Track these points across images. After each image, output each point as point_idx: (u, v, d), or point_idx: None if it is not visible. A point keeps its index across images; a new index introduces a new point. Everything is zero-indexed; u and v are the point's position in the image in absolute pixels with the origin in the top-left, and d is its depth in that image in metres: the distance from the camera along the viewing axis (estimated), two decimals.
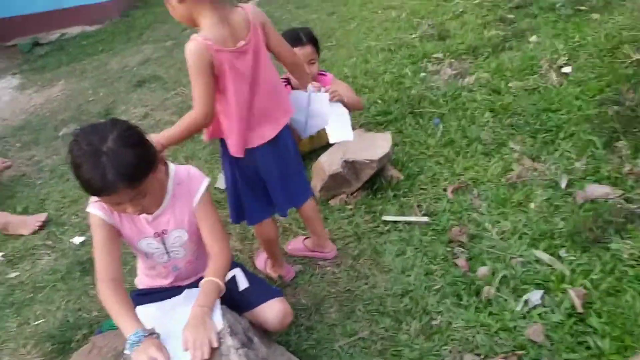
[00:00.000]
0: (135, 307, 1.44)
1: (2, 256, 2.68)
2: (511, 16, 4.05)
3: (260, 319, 1.60)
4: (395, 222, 2.32)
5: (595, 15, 3.35)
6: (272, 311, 1.58)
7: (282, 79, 2.50)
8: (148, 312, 1.52)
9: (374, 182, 2.55)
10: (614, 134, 2.31)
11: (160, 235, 1.54)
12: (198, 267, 1.69)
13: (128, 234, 1.54)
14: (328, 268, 2.18)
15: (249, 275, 1.71)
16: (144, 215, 1.50)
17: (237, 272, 1.70)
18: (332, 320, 1.94)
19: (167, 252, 1.59)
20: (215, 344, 1.33)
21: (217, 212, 1.63)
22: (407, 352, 1.72)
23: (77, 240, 2.64)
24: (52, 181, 3.36)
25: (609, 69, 2.78)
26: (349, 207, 2.48)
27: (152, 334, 1.34)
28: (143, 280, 1.75)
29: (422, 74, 3.61)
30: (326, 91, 2.29)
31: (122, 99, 4.23)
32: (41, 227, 2.82)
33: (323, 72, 2.67)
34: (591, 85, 2.75)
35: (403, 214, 2.37)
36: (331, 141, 2.35)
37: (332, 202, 2.52)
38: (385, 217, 2.35)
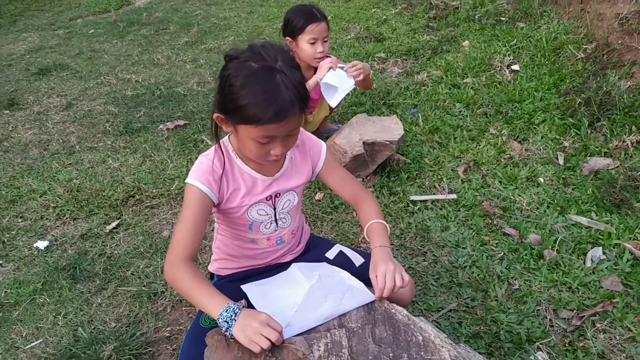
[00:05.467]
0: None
1: None
2: (433, 24, 4.38)
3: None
4: (423, 201, 2.30)
5: (521, 24, 3.79)
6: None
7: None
8: (262, 290, 1.27)
9: (384, 166, 2.50)
10: (593, 116, 2.61)
11: (272, 198, 1.35)
12: (298, 240, 1.51)
13: (237, 204, 1.30)
14: None
15: (353, 249, 1.53)
16: (262, 177, 1.31)
17: (344, 248, 1.51)
18: None
19: (276, 220, 1.38)
20: (403, 284, 1.19)
21: None
22: (505, 317, 1.70)
23: (42, 244, 2.09)
24: None
25: (558, 66, 3.16)
26: (370, 189, 2.39)
27: (243, 305, 1.12)
28: (228, 265, 1.46)
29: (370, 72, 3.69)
30: (352, 66, 2.30)
31: (26, 88, 3.51)
32: None
33: (328, 55, 2.55)
34: (545, 80, 3.09)
35: (425, 194, 2.36)
36: (325, 80, 2.34)
37: None
38: (414, 197, 2.32)
